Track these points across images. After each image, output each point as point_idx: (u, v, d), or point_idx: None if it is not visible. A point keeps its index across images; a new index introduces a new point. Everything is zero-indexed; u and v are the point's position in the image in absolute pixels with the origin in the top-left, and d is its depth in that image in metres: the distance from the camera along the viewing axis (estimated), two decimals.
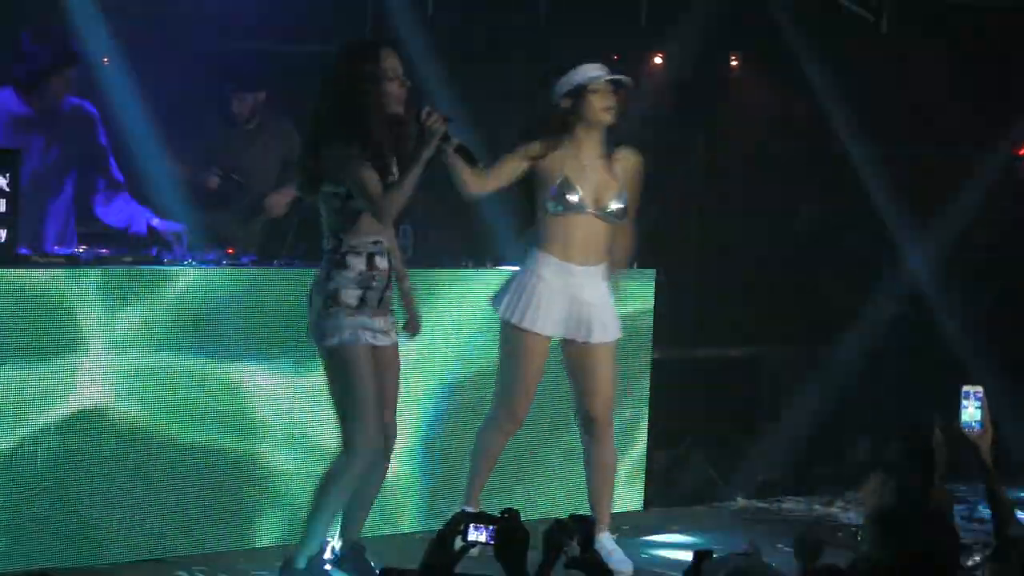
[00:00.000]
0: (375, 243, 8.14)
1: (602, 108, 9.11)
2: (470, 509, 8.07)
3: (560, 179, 9.07)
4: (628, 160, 9.25)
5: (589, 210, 9.09)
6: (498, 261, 10.23)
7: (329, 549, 8.44)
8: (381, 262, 8.16)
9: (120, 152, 10.12)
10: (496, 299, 9.21)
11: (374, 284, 8.12)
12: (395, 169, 8.22)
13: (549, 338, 9.20)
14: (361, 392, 8.20)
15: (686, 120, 13.87)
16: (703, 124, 14.14)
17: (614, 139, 9.28)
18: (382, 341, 8.24)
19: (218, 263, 9.26)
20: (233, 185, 10.89)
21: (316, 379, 8.71)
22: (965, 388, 6.78)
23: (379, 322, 8.20)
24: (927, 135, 13.44)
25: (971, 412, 6.73)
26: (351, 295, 8.07)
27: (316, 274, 8.23)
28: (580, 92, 9.10)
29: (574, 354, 9.27)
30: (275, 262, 9.62)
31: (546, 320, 9.13)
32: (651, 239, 10.91)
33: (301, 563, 8.23)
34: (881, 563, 5.71)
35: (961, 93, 13.23)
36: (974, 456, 6.76)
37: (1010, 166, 13.42)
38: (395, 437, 8.48)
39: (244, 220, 10.89)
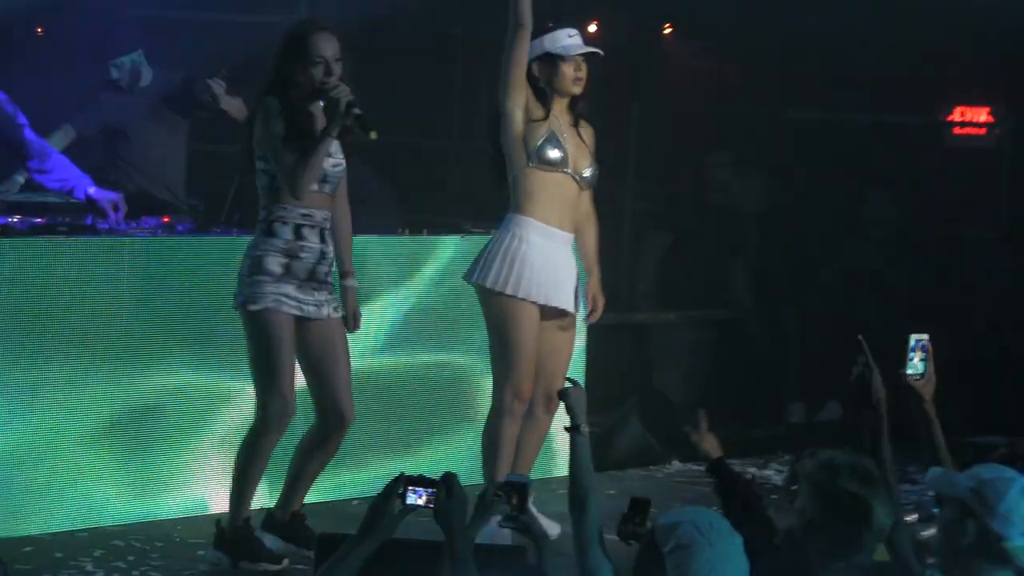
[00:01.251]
0: (305, 215, 8.14)
1: (573, 79, 8.96)
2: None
3: (548, 134, 8.90)
4: (589, 130, 9.13)
5: (568, 170, 8.95)
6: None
7: (267, 515, 8.49)
8: (310, 234, 8.16)
9: None
10: (478, 272, 8.91)
11: (301, 255, 8.11)
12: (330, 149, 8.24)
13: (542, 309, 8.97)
14: (275, 359, 8.21)
15: (620, 84, 13.90)
16: (637, 90, 14.17)
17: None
18: (311, 314, 8.21)
19: (154, 232, 9.24)
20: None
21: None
22: (913, 337, 6.82)
23: (308, 295, 8.18)
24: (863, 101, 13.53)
25: (916, 362, 6.78)
26: (275, 262, 8.07)
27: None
28: (552, 60, 8.95)
29: (545, 328, 9.08)
30: (212, 230, 9.61)
31: (539, 288, 8.90)
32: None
33: (229, 529, 8.27)
34: (818, 518, 5.77)
35: (890, 62, 13.31)
36: (916, 405, 6.81)
37: (940, 132, 13.44)
38: (350, 416, 8.45)
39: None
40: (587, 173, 9.00)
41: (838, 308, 12.53)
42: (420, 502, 5.52)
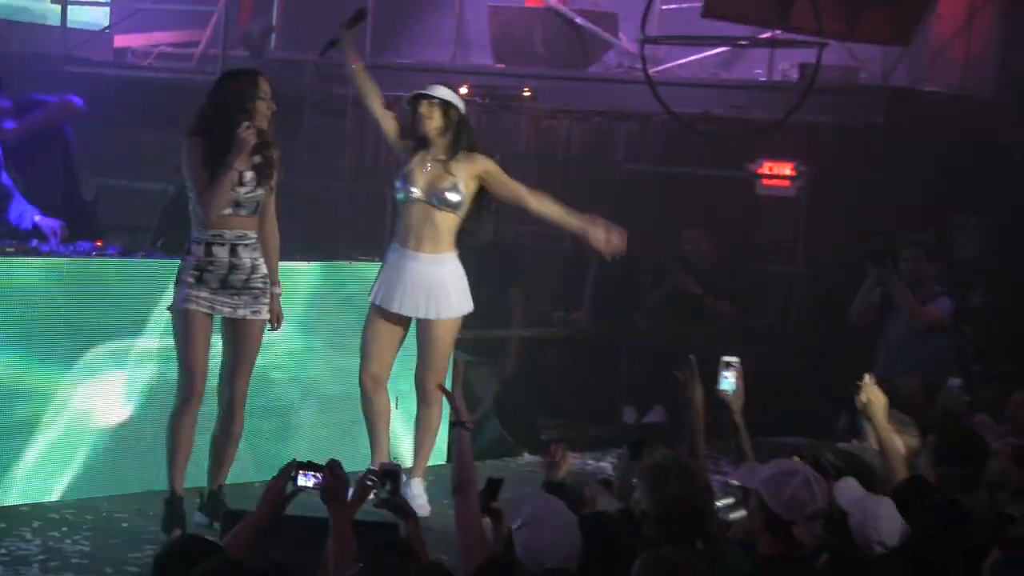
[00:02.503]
0: (215, 236, 8.17)
1: (417, 120, 9.03)
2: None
3: (402, 173, 9.04)
4: (477, 163, 9.08)
5: (420, 197, 8.96)
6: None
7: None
8: (219, 251, 8.21)
9: None
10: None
11: (210, 268, 8.17)
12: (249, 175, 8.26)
13: (399, 314, 9.13)
14: (184, 350, 8.30)
15: (485, 138, 13.91)
16: (501, 140, 14.18)
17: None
18: (226, 314, 8.30)
19: (87, 254, 9.17)
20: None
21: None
22: (724, 359, 6.89)
23: (224, 298, 8.23)
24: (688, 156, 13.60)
25: (729, 380, 6.86)
26: (189, 275, 8.19)
27: None
28: (410, 105, 9.10)
29: (418, 331, 9.21)
30: (136, 254, 9.54)
31: (385, 296, 9.08)
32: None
33: (164, 505, 8.28)
34: (651, 508, 5.82)
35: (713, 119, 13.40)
36: (728, 417, 6.88)
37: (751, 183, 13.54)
38: (241, 402, 8.48)
39: None
40: (443, 196, 8.97)
41: (665, 328, 12.59)
42: (309, 484, 5.53)
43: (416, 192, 8.97)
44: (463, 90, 13.84)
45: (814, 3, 11.86)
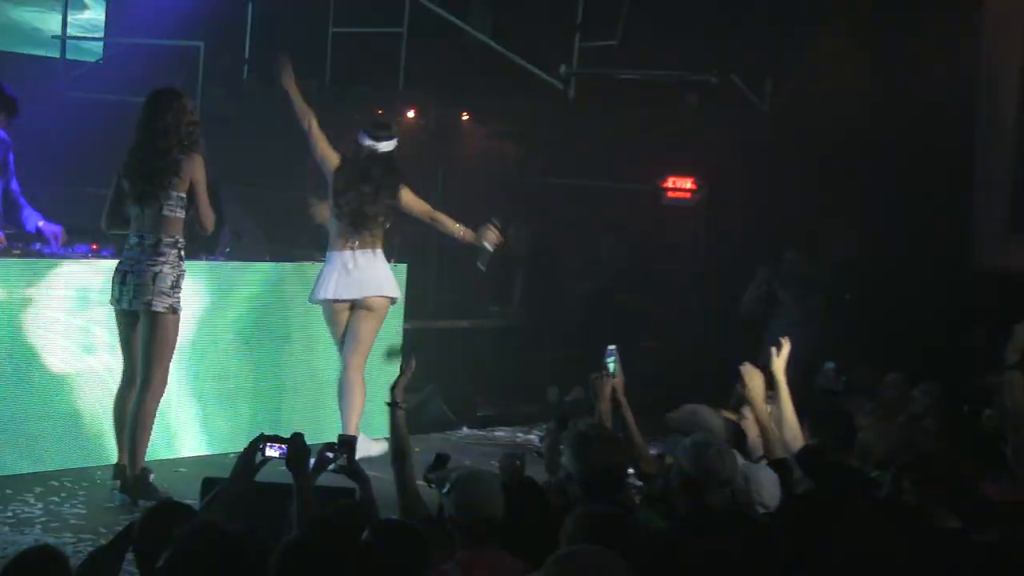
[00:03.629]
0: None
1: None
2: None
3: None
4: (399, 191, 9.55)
5: None
6: None
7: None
8: None
9: None
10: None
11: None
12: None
13: (335, 301, 9.41)
14: (173, 349, 8.36)
15: (428, 155, 13.94)
16: (444, 157, 14.19)
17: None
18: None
19: (84, 256, 9.11)
20: None
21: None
22: (609, 347, 6.93)
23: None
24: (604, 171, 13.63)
25: (609, 364, 6.89)
26: (181, 281, 8.29)
27: None
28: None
29: (349, 317, 9.45)
30: None
31: (325, 290, 9.40)
32: (403, 242, 11.01)
33: (131, 477, 8.23)
34: (576, 471, 5.84)
35: (624, 141, 13.43)
36: (612, 395, 6.90)
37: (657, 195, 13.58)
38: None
39: None
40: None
41: (584, 319, 12.62)
42: (275, 454, 5.52)
43: None
44: (410, 114, 13.92)
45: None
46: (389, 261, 9.95)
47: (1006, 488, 6.48)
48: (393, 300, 9.64)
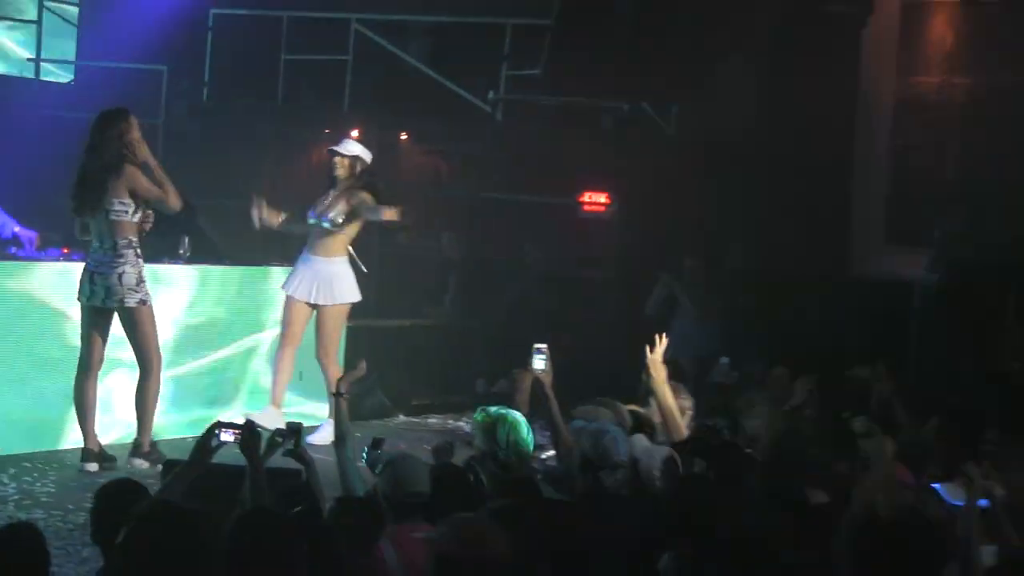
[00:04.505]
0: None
1: (331, 167, 9.73)
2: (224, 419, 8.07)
3: (313, 205, 9.66)
4: (360, 196, 9.57)
5: (312, 221, 9.50)
6: None
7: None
8: None
9: None
10: None
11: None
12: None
13: (302, 301, 9.49)
14: (154, 334, 8.55)
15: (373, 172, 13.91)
16: (384, 173, 14.17)
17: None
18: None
19: (56, 259, 9.08)
20: None
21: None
22: (536, 345, 6.97)
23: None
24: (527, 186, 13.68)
25: (538, 361, 6.91)
26: (144, 275, 8.48)
27: None
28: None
29: (316, 315, 9.53)
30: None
31: (294, 288, 9.50)
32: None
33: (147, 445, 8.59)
34: (488, 453, 5.92)
35: (545, 160, 13.49)
36: (539, 388, 6.94)
37: (575, 208, 13.63)
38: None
39: None
40: (328, 218, 9.53)
41: (508, 319, 12.66)
42: (230, 439, 5.50)
43: (312, 218, 9.56)
44: (354, 133, 13.91)
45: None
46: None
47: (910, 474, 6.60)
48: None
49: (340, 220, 9.55)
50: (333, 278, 9.49)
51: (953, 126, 13.28)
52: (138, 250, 8.33)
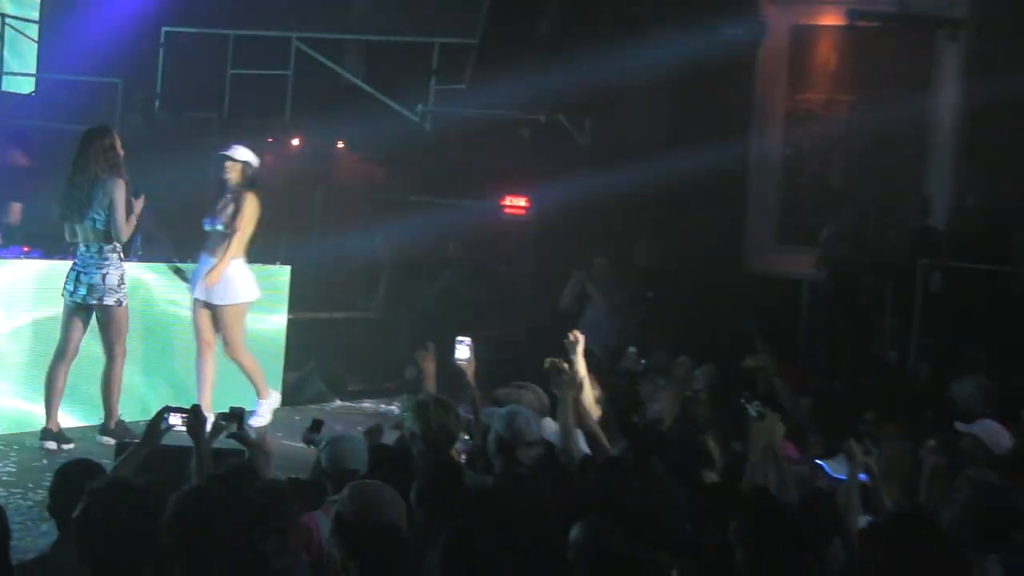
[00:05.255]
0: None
1: (223, 172, 9.19)
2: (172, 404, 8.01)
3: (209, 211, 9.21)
4: (245, 199, 9.10)
5: (207, 227, 9.11)
6: None
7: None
8: None
9: None
10: None
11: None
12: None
13: (201, 301, 9.09)
14: (125, 330, 8.57)
15: (309, 176, 13.89)
16: (323, 178, 14.15)
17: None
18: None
19: (17, 256, 8.98)
20: None
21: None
22: (458, 336, 6.97)
23: None
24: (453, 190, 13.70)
25: (461, 351, 6.92)
26: (124, 277, 8.52)
27: None
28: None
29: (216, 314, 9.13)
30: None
31: (196, 290, 9.11)
32: (289, 248, 10.98)
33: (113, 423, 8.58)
34: (417, 433, 5.91)
35: (470, 166, 13.51)
36: (464, 378, 6.95)
37: (498, 210, 13.66)
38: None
39: None
40: (219, 224, 9.05)
41: (436, 311, 12.65)
42: (178, 423, 5.50)
43: (208, 224, 9.13)
44: (295, 141, 13.86)
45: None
46: (274, 263, 9.91)
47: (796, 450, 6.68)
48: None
49: (232, 223, 9.16)
50: (228, 279, 9.11)
51: (837, 138, 13.43)
52: (121, 254, 8.41)
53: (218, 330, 9.11)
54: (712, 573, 4.39)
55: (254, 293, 9.29)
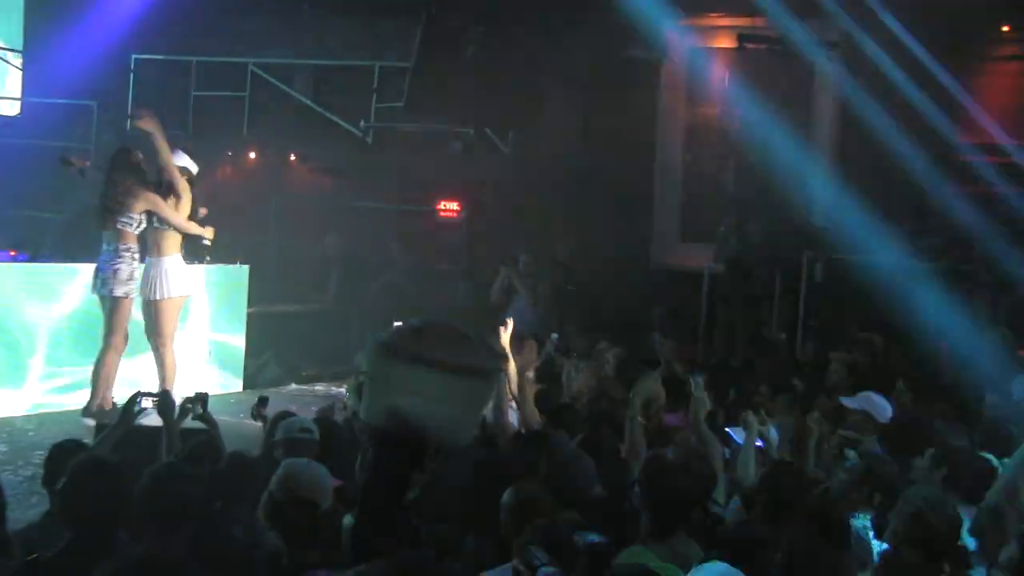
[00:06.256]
0: None
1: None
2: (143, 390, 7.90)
3: None
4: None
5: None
6: None
7: None
8: None
9: None
10: None
11: None
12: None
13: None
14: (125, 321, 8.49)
15: (265, 185, 13.81)
16: (277, 187, 14.07)
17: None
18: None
19: (5, 260, 8.89)
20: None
21: None
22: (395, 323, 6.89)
23: None
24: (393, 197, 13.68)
25: None
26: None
27: None
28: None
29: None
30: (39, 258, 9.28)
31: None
32: (248, 249, 10.90)
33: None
34: (361, 416, 5.87)
35: (407, 175, 13.50)
36: None
37: (433, 214, 13.66)
38: None
39: None
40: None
41: (380, 304, 12.62)
42: (149, 405, 5.47)
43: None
44: (251, 154, 13.77)
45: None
46: (235, 263, 9.83)
47: (683, 418, 6.73)
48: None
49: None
50: (159, 275, 8.63)
51: (730, 146, 13.57)
52: (135, 254, 8.38)
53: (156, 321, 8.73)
54: (615, 526, 4.41)
55: (188, 288, 8.85)
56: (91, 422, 8.17)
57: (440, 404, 2.15)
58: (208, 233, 8.70)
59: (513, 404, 6.47)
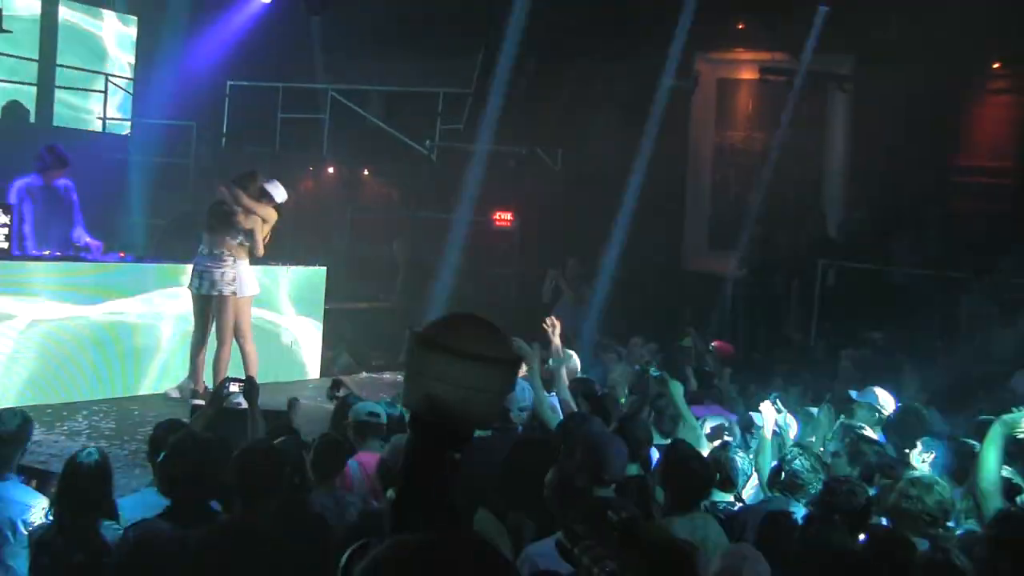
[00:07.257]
0: None
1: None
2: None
3: None
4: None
5: None
6: None
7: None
8: None
9: None
10: None
11: None
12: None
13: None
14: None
15: (341, 197, 13.79)
16: (352, 199, 14.07)
17: None
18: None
19: (116, 261, 8.94)
20: None
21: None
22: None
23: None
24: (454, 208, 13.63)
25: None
26: None
27: None
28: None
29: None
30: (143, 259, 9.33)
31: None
32: (325, 253, 10.89)
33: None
34: (401, 403, 5.88)
35: (467, 189, 13.49)
36: None
37: (487, 224, 13.57)
38: None
39: None
40: None
41: (442, 304, 12.62)
42: (236, 390, 5.51)
43: None
44: (330, 170, 13.82)
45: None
46: (314, 264, 9.84)
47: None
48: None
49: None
50: (242, 276, 8.57)
51: (753, 166, 13.47)
52: (234, 258, 8.37)
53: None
54: (643, 504, 4.39)
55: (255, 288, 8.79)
56: (176, 394, 8.26)
57: (468, 391, 2.17)
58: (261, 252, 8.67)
59: (554, 393, 6.44)
